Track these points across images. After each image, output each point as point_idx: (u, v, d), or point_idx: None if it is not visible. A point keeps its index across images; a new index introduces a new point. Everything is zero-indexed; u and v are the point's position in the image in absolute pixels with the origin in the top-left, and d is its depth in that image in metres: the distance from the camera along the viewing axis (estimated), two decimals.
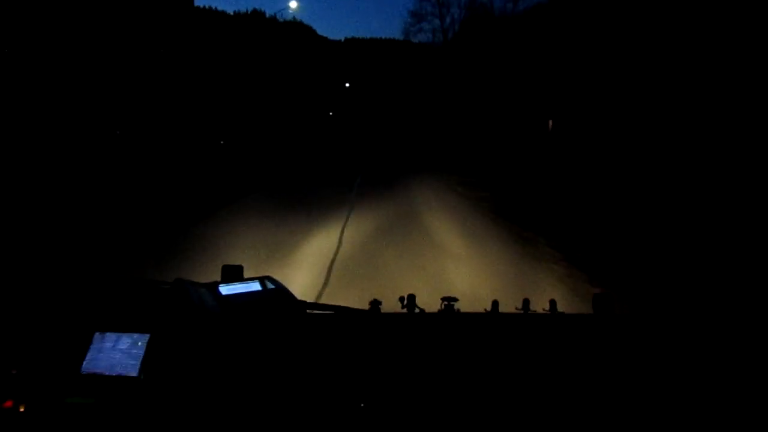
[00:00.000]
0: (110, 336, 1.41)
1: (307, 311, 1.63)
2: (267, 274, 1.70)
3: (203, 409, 1.27)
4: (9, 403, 1.26)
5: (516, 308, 1.83)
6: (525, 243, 7.29)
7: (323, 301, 4.01)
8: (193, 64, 16.13)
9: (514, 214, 9.25)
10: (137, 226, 7.73)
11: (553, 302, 1.83)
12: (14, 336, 1.42)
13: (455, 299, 1.82)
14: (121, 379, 1.32)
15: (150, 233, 7.42)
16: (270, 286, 1.63)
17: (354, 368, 1.39)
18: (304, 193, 11.62)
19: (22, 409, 1.25)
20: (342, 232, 7.81)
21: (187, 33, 16.33)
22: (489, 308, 1.83)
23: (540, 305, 1.86)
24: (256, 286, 1.63)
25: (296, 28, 39.95)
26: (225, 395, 1.29)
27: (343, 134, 29.15)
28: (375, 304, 1.80)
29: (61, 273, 1.87)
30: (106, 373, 1.34)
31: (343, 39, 47.26)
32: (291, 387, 1.31)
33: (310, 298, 1.79)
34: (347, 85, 36.86)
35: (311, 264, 6.26)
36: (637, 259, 6.20)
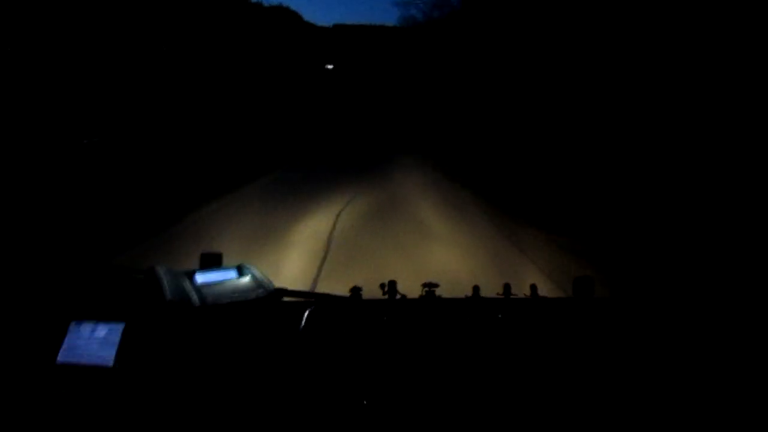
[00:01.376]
0: (87, 325, 1.38)
1: (285, 298, 1.61)
2: (244, 261, 1.67)
3: (178, 398, 1.25)
4: None
5: (497, 293, 1.82)
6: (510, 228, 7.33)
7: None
8: (173, 53, 15.85)
9: (501, 199, 9.31)
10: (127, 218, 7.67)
11: (533, 287, 1.83)
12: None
13: (436, 285, 1.82)
14: (97, 368, 1.30)
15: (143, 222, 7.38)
16: (246, 273, 1.61)
17: (334, 356, 1.38)
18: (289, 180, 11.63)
19: None
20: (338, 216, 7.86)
21: (169, 21, 16.01)
22: (470, 293, 1.82)
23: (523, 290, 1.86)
24: (232, 274, 1.60)
25: (282, 13, 39.25)
26: (199, 385, 1.27)
27: (332, 122, 28.98)
28: (356, 290, 1.78)
29: (40, 262, 1.83)
30: (83, 363, 1.31)
31: (331, 25, 46.21)
32: (266, 375, 1.30)
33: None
34: (329, 66, 36.15)
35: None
36: (629, 244, 6.26)
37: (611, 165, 9.69)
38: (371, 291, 1.82)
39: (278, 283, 1.63)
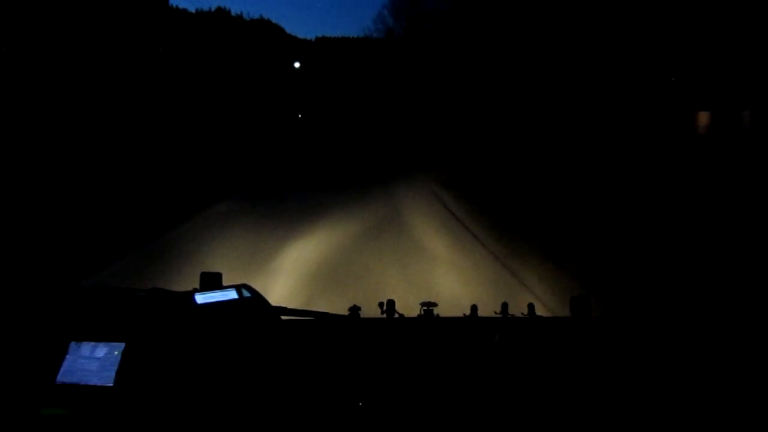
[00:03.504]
0: (86, 345, 1.40)
1: (284, 317, 1.62)
2: (244, 282, 1.69)
3: (179, 418, 1.26)
4: None
5: (495, 312, 1.84)
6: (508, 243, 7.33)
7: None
8: (157, 66, 15.90)
9: (497, 212, 9.32)
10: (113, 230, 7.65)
11: (531, 306, 1.84)
12: None
13: (435, 304, 1.83)
14: (97, 389, 1.31)
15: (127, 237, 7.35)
16: (246, 294, 1.62)
17: (332, 374, 1.39)
18: (280, 197, 11.59)
19: None
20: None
21: (152, 35, 16.09)
22: (468, 313, 1.84)
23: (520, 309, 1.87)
24: (232, 294, 1.62)
25: (264, 26, 39.20)
26: (200, 404, 1.28)
27: (315, 136, 28.97)
28: (354, 309, 1.80)
29: (36, 281, 1.84)
30: (83, 383, 1.32)
31: (313, 38, 46.14)
32: (267, 394, 1.31)
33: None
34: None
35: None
36: (625, 261, 6.26)
37: (608, 184, 9.74)
38: (370, 310, 1.84)
39: (272, 301, 1.64)
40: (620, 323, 1.79)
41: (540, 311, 1.86)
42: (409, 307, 1.89)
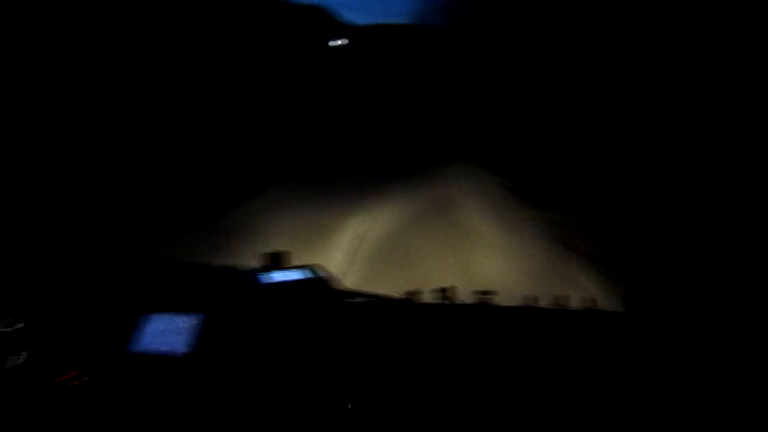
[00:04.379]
0: (164, 316, 1.49)
1: (347, 300, 1.68)
2: (310, 262, 1.75)
3: (246, 390, 1.33)
4: (70, 375, 1.35)
5: (552, 304, 1.84)
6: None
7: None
8: (208, 52, 16.13)
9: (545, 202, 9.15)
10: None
11: (589, 300, 1.84)
12: (76, 314, 1.50)
13: (492, 292, 1.85)
14: (171, 358, 1.40)
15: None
16: (311, 274, 1.69)
17: (391, 358, 1.44)
18: (335, 181, 11.73)
19: (84, 380, 1.34)
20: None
21: (223, 22, 16.33)
22: (524, 303, 1.85)
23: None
24: (298, 275, 1.69)
25: (318, 13, 39.14)
26: (268, 380, 1.35)
27: (366, 122, 28.95)
28: (412, 293, 1.84)
29: (115, 255, 1.96)
30: (159, 351, 1.41)
31: (372, 24, 45.55)
32: (329, 375, 1.36)
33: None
34: (340, 43, 34.86)
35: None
36: (687, 261, 6.05)
37: (674, 177, 9.35)
38: (426, 295, 1.87)
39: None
40: (678, 321, 1.77)
41: (597, 306, 1.86)
42: (461, 293, 1.91)
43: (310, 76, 28.03)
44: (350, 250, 6.34)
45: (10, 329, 1.45)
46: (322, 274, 1.70)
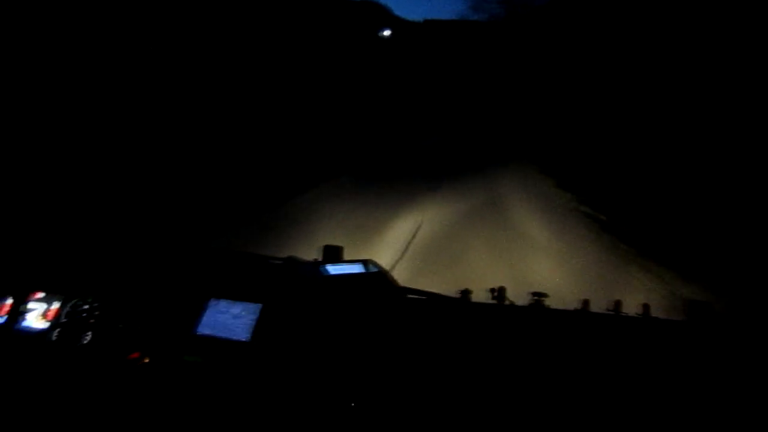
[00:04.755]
0: (225, 303, 1.56)
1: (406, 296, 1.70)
2: (368, 257, 1.79)
3: (303, 377, 1.38)
4: (135, 355, 1.43)
5: (607, 309, 1.82)
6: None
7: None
8: (263, 49, 16.36)
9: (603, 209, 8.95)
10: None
11: (646, 306, 1.81)
12: (141, 298, 1.59)
13: (545, 295, 1.84)
14: (232, 342, 1.46)
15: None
16: (372, 268, 1.73)
17: (445, 355, 1.46)
18: (386, 179, 11.79)
19: (146, 361, 1.42)
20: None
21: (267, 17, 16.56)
22: (578, 306, 1.83)
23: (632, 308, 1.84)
24: (359, 268, 1.73)
25: (371, 8, 39.09)
26: (327, 371, 1.39)
27: (417, 121, 28.91)
28: (465, 293, 1.84)
29: (181, 243, 2.04)
30: (219, 336, 1.48)
31: (422, 20, 45.01)
32: (388, 366, 1.40)
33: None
34: (387, 33, 34.42)
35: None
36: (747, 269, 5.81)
37: (730, 181, 8.96)
38: (476, 295, 1.88)
39: None
40: (737, 330, 1.72)
41: (654, 313, 1.82)
42: (512, 294, 1.90)
43: (364, 73, 28.15)
44: (400, 247, 6.37)
45: (78, 310, 1.55)
46: (379, 268, 1.74)
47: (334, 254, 1.88)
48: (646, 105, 12.84)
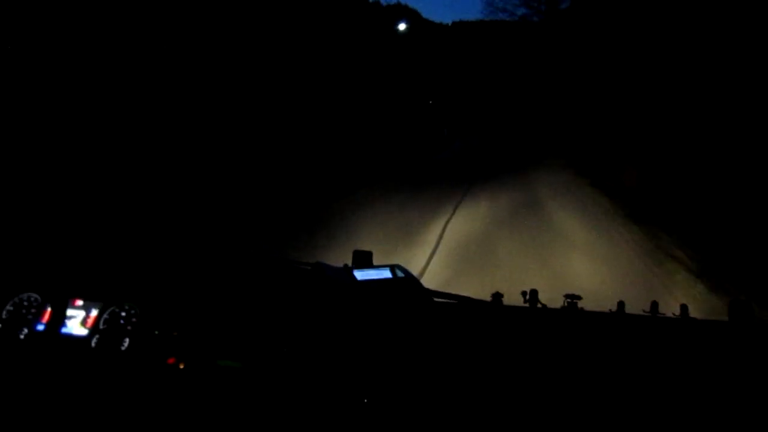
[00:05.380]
0: (257, 308, 1.58)
1: (436, 299, 1.70)
2: (396, 262, 1.80)
3: (335, 380, 1.39)
4: (172, 360, 1.47)
5: (643, 311, 1.78)
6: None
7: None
8: (295, 52, 16.53)
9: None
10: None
11: (684, 307, 1.76)
12: (176, 303, 1.63)
13: (579, 297, 1.81)
14: (267, 347, 1.48)
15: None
16: (400, 274, 1.73)
17: (477, 358, 1.45)
18: (422, 183, 11.82)
19: (182, 366, 1.45)
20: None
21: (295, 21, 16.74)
22: (614, 308, 1.79)
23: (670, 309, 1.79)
24: (387, 273, 1.73)
25: (401, 11, 39.18)
26: (359, 373, 1.40)
27: (449, 124, 28.91)
28: (497, 296, 1.83)
29: (214, 250, 2.08)
30: (255, 341, 1.50)
31: (450, 23, 44.85)
32: (418, 372, 1.39)
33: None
34: (403, 27, 34.09)
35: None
36: None
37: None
38: (510, 296, 1.86)
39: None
40: None
41: (693, 314, 1.78)
42: (548, 297, 1.88)
43: (398, 78, 28.24)
44: (437, 249, 6.37)
45: (116, 316, 1.60)
46: (407, 273, 1.74)
47: (364, 259, 1.89)
48: (687, 106, 12.48)
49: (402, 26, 32.02)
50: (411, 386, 1.35)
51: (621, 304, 1.77)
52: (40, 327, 1.60)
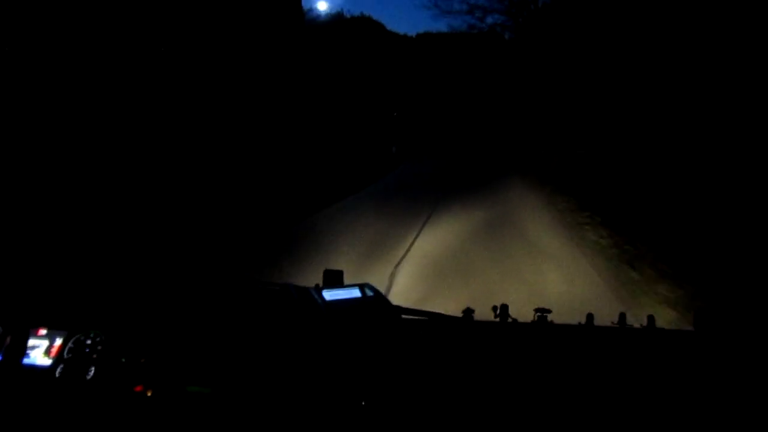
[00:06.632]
0: (226, 331, 1.56)
1: (402, 316, 1.70)
2: (365, 280, 1.79)
3: (306, 404, 1.37)
4: (139, 388, 1.44)
5: (612, 322, 1.80)
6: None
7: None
8: (262, 62, 16.49)
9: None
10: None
11: (651, 317, 1.79)
12: (144, 329, 1.60)
13: (548, 311, 1.83)
14: (234, 370, 1.46)
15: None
16: (369, 293, 1.73)
17: (447, 374, 1.45)
18: (391, 196, 11.88)
19: (149, 394, 1.42)
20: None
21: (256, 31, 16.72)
22: (584, 321, 1.81)
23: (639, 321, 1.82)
24: (356, 293, 1.73)
25: (365, 23, 39.31)
26: (328, 394, 1.38)
27: (416, 136, 29.10)
28: (468, 312, 1.84)
29: (183, 272, 2.06)
30: (223, 365, 1.48)
31: (414, 35, 44.92)
32: (386, 390, 1.39)
33: None
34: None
35: None
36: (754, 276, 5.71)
37: (740, 192, 8.83)
38: (482, 313, 1.87)
39: (391, 293, 1.73)
40: (745, 339, 1.70)
41: (661, 324, 1.81)
42: (521, 311, 1.90)
43: (369, 90, 28.34)
44: (402, 264, 6.37)
45: (81, 345, 1.56)
46: (376, 292, 1.74)
47: (334, 278, 1.88)
48: (653, 114, 12.76)
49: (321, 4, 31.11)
50: (378, 407, 1.35)
51: (590, 317, 1.80)
52: None
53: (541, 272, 6.03)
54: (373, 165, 18.08)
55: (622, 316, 1.80)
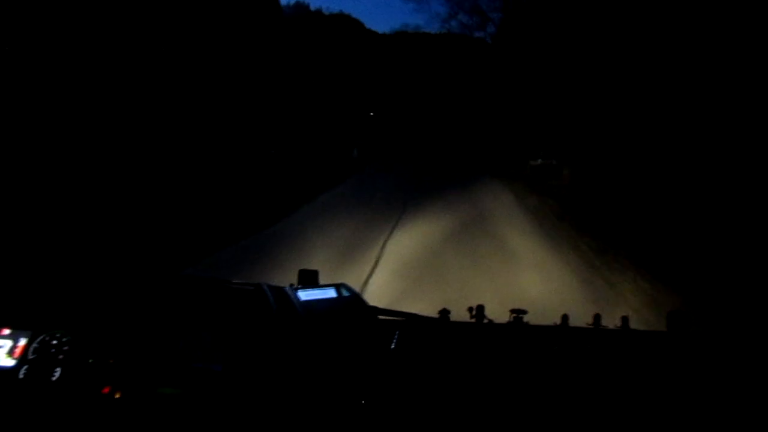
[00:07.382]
0: (198, 332, 1.52)
1: (379, 317, 1.69)
2: (341, 280, 1.77)
3: (279, 405, 1.35)
4: (107, 390, 1.39)
5: (587, 323, 1.81)
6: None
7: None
8: (239, 61, 16.36)
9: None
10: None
11: (625, 318, 1.80)
12: (112, 329, 1.55)
13: (524, 311, 1.83)
14: (206, 372, 1.43)
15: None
16: (345, 293, 1.71)
17: (423, 374, 1.44)
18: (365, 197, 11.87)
19: (118, 396, 1.38)
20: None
21: (235, 28, 16.60)
22: (559, 322, 1.82)
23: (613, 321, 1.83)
24: (332, 293, 1.71)
25: (343, 21, 39.34)
26: (302, 395, 1.36)
27: (392, 136, 29.06)
28: (444, 312, 1.83)
29: (154, 270, 2.01)
30: (194, 366, 1.45)
31: (392, 32, 44.87)
32: (364, 391, 1.37)
33: None
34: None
35: None
36: (728, 277, 5.83)
37: (711, 194, 9.03)
38: (458, 313, 1.86)
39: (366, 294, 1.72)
40: (719, 340, 1.72)
41: (635, 325, 1.82)
42: (496, 311, 1.89)
43: (332, 86, 28.27)
44: (377, 266, 6.35)
45: (47, 345, 1.51)
46: (352, 292, 1.72)
47: (309, 278, 1.86)
48: (626, 118, 12.96)
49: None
50: (354, 407, 1.33)
51: (565, 318, 1.80)
52: None
53: (516, 273, 6.07)
54: (334, 168, 17.92)
55: (597, 316, 1.81)
